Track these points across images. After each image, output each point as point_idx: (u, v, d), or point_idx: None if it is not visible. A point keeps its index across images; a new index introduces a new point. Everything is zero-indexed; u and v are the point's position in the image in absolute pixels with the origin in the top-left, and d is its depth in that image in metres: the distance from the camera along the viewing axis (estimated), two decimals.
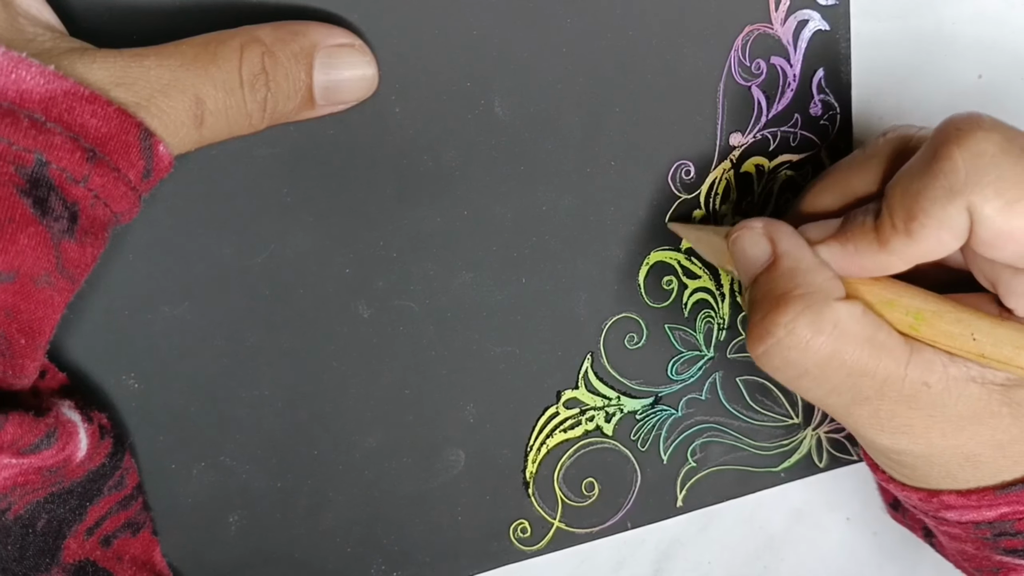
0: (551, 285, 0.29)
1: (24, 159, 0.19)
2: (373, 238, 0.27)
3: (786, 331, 0.23)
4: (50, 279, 0.20)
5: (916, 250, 0.23)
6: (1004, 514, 0.26)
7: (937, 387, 0.24)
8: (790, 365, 0.24)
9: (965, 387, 0.24)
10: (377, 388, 0.28)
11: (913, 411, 0.24)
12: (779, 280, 0.24)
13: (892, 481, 0.28)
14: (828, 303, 0.23)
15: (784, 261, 0.24)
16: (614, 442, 0.31)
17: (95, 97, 0.20)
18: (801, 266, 0.24)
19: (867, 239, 0.24)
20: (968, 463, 0.25)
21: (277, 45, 0.22)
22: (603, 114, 0.28)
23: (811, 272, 0.24)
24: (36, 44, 0.20)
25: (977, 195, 0.22)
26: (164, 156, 0.21)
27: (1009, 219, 0.22)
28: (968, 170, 0.22)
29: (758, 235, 0.25)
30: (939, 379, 0.24)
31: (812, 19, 0.30)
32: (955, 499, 0.26)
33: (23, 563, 0.22)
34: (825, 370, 0.23)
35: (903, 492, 0.28)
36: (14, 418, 0.20)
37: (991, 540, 0.27)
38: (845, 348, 0.23)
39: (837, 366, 0.23)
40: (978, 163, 0.22)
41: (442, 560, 0.30)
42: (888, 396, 0.24)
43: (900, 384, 0.24)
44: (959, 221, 0.22)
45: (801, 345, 0.23)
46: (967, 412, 0.24)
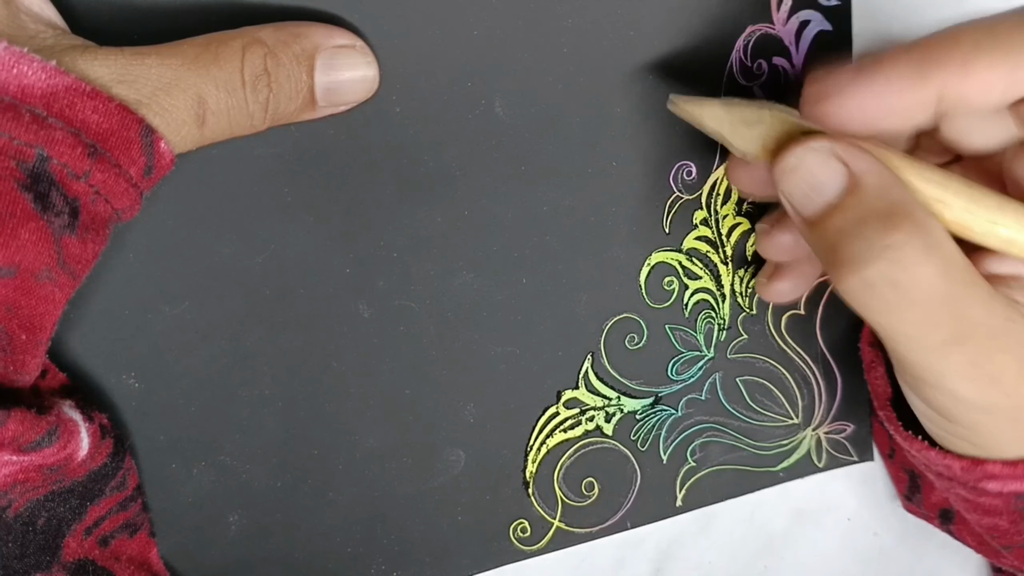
0: (552, 285, 0.29)
1: (25, 154, 0.19)
2: (374, 238, 0.27)
3: (897, 253, 0.21)
4: (51, 274, 0.20)
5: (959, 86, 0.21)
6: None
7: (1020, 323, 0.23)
8: (897, 292, 0.22)
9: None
10: (377, 388, 0.28)
11: (1005, 355, 0.23)
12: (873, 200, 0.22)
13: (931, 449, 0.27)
14: (930, 221, 0.22)
15: (870, 178, 0.22)
16: (614, 442, 0.31)
17: (96, 93, 0.20)
18: (889, 181, 0.22)
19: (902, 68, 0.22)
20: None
21: (279, 46, 0.22)
22: (604, 114, 0.28)
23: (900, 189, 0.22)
24: (38, 41, 0.20)
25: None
26: (165, 153, 0.21)
27: None
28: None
29: (827, 155, 0.23)
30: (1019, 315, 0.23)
31: (814, 20, 0.30)
32: (1000, 469, 0.25)
33: (24, 560, 0.22)
34: (930, 298, 0.22)
35: (944, 461, 0.27)
36: (16, 415, 0.20)
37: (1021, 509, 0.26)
38: (950, 272, 0.22)
39: (942, 292, 0.22)
40: None
41: (442, 560, 0.30)
42: (980, 333, 0.22)
43: (991, 317, 0.22)
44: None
45: (912, 266, 0.21)
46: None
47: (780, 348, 0.32)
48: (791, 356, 0.33)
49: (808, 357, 0.33)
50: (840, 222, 0.22)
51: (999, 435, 0.25)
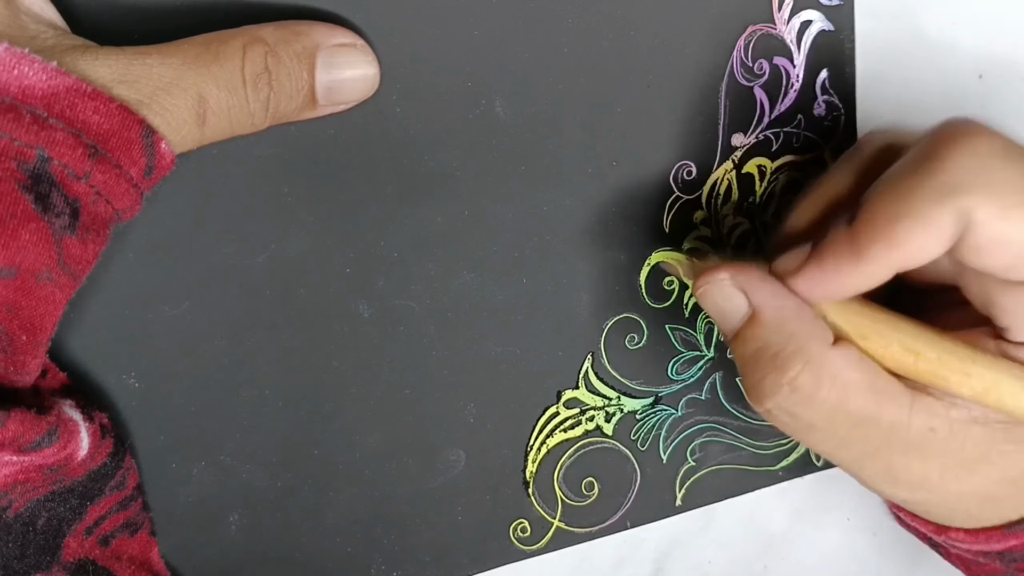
0: (552, 285, 0.29)
1: (26, 155, 0.19)
2: (374, 238, 0.27)
3: (790, 389, 0.23)
4: (51, 275, 0.20)
5: (895, 256, 0.22)
6: (1013, 546, 0.26)
7: (942, 431, 0.23)
8: (797, 420, 0.23)
9: (969, 429, 0.23)
10: (377, 388, 0.28)
11: (926, 460, 0.23)
12: (767, 335, 0.23)
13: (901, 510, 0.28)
14: (825, 354, 0.23)
15: (766, 313, 0.23)
16: (614, 442, 0.31)
17: (97, 94, 0.20)
18: (786, 315, 0.23)
19: (842, 251, 0.22)
20: (988, 503, 0.25)
21: (280, 45, 0.22)
22: (604, 114, 0.28)
23: (797, 320, 0.23)
24: (39, 41, 0.20)
25: (973, 197, 0.20)
26: (166, 153, 0.21)
27: (1004, 226, 0.20)
28: (966, 170, 0.21)
29: (728, 288, 0.24)
30: (943, 423, 0.23)
31: (816, 20, 0.30)
32: (963, 536, 0.26)
33: (24, 561, 0.22)
34: (832, 422, 0.23)
35: (912, 522, 0.28)
36: (16, 415, 0.20)
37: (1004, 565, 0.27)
38: (849, 398, 0.23)
39: (843, 418, 0.23)
40: (977, 164, 0.21)
41: (442, 559, 0.30)
42: (896, 446, 0.23)
43: (907, 431, 0.23)
44: (947, 224, 0.21)
45: (805, 400, 0.23)
46: (975, 454, 0.23)
47: None
48: None
49: None
50: (741, 351, 0.24)
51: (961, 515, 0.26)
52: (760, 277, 0.24)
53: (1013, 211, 0.20)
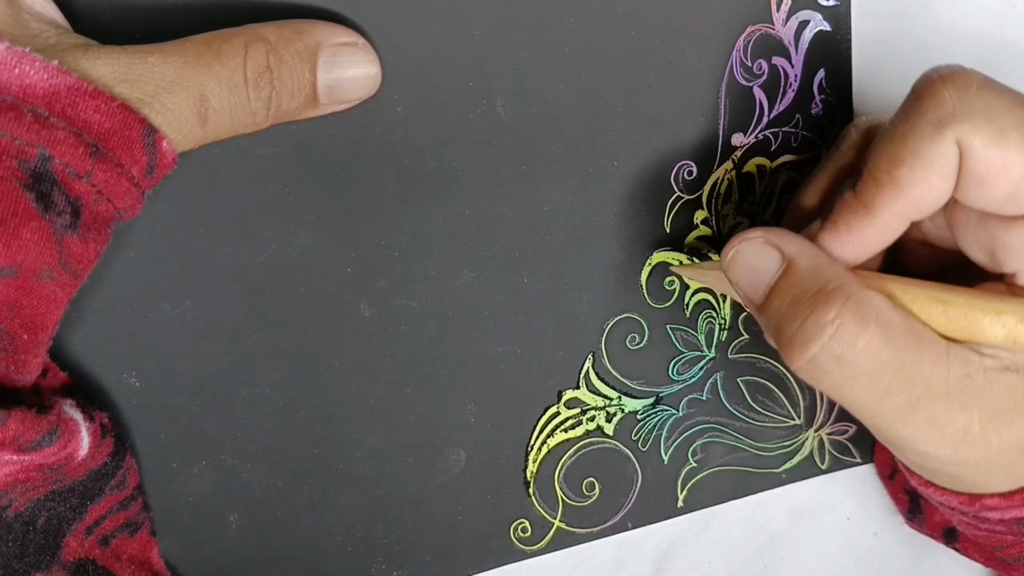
0: (553, 285, 0.29)
1: (27, 154, 0.19)
2: (375, 237, 0.27)
3: (833, 328, 0.22)
4: (53, 274, 0.20)
5: (905, 200, 0.22)
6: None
7: (978, 378, 0.23)
8: (842, 365, 0.22)
9: (1002, 376, 0.23)
10: (378, 387, 0.28)
11: (967, 410, 0.23)
12: (805, 280, 0.23)
13: (930, 486, 0.27)
14: (865, 291, 0.22)
15: (802, 260, 0.23)
16: (615, 442, 0.31)
17: (98, 93, 0.20)
18: (822, 261, 0.23)
19: (853, 208, 0.23)
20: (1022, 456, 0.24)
21: (281, 43, 0.22)
22: (605, 114, 0.28)
23: (834, 265, 0.23)
24: (40, 40, 0.20)
25: (967, 124, 0.21)
26: (167, 152, 0.21)
27: (1002, 148, 0.21)
28: (956, 101, 0.21)
29: (760, 244, 0.24)
30: (977, 369, 0.23)
31: (813, 19, 0.30)
32: (998, 501, 0.26)
33: (24, 560, 0.22)
34: (877, 365, 0.22)
35: (942, 496, 0.27)
36: (16, 414, 0.20)
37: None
38: (893, 338, 0.22)
39: (887, 360, 0.22)
40: (966, 94, 0.21)
41: (443, 559, 0.30)
42: (938, 393, 0.23)
43: (946, 378, 0.22)
44: (949, 157, 0.21)
45: (851, 340, 0.22)
46: (1010, 402, 0.23)
47: None
48: None
49: None
50: (778, 303, 0.23)
51: (984, 478, 0.25)
52: (789, 233, 0.24)
53: (1008, 133, 0.21)
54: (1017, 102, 0.21)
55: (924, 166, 0.21)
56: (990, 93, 0.21)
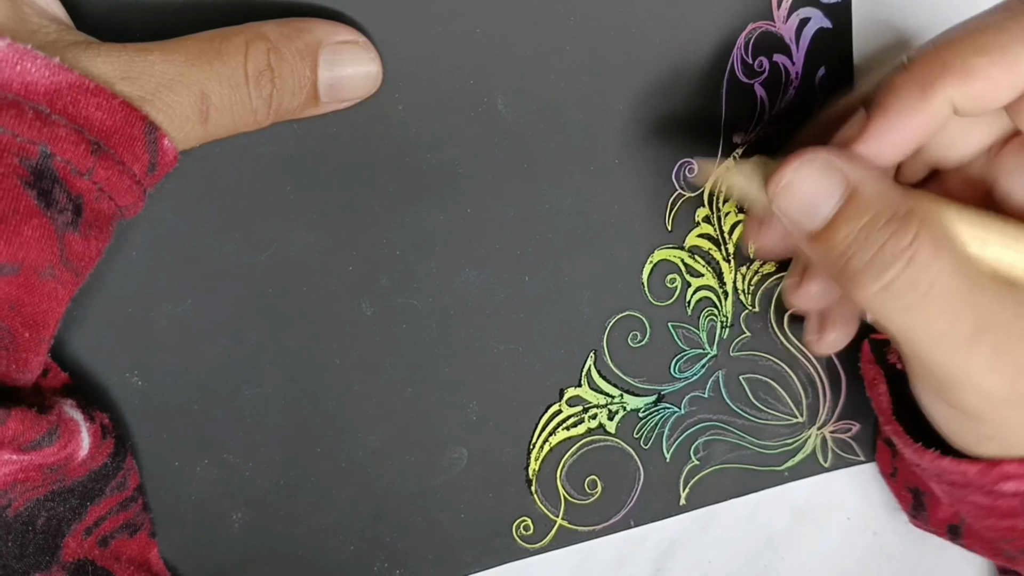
0: (554, 283, 0.29)
1: (28, 151, 0.19)
2: (376, 236, 0.27)
3: (912, 252, 0.21)
4: (54, 272, 0.20)
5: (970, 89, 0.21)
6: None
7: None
8: (917, 290, 0.22)
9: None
10: (380, 386, 0.28)
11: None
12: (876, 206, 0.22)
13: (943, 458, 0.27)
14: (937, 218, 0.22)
15: (868, 185, 0.22)
16: (617, 440, 0.31)
17: (100, 90, 0.20)
18: (887, 184, 0.22)
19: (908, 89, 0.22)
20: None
21: (282, 42, 0.22)
22: (606, 112, 0.28)
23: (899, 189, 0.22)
24: (40, 35, 0.20)
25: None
26: (169, 150, 0.21)
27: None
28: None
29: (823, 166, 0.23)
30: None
31: (814, 17, 0.30)
32: (1017, 468, 0.25)
33: (23, 560, 0.22)
34: (949, 292, 0.22)
35: (959, 468, 0.27)
36: (16, 414, 0.20)
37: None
38: (963, 267, 0.22)
39: (958, 286, 0.22)
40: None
41: (445, 557, 0.30)
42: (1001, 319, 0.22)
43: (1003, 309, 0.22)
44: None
45: (928, 262, 0.21)
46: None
47: (783, 346, 0.32)
48: (795, 354, 0.33)
49: (812, 354, 0.33)
50: (847, 231, 0.22)
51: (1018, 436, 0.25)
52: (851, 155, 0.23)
53: None
54: None
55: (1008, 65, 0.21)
56: None
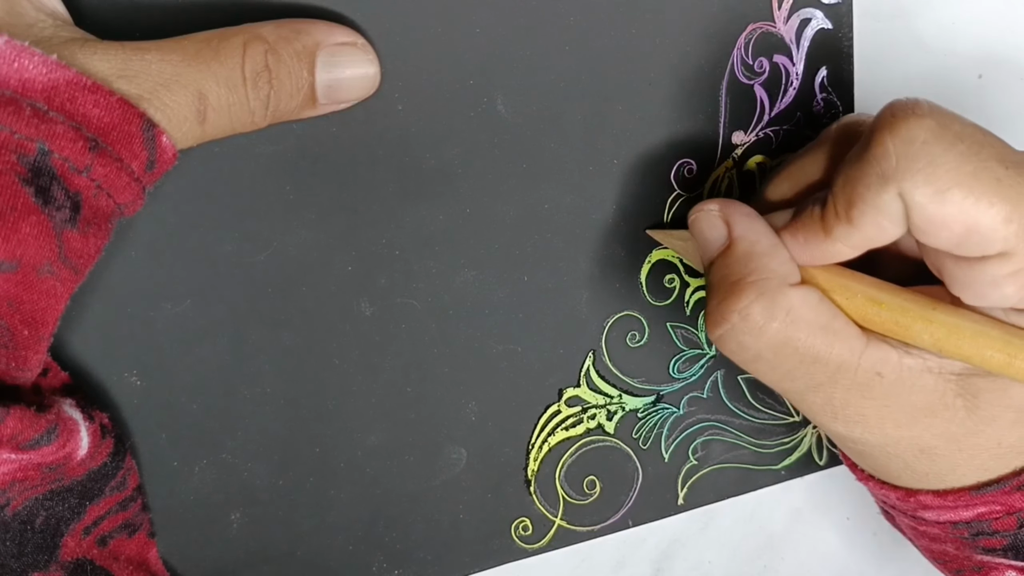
0: (553, 283, 0.29)
1: (26, 148, 0.19)
2: (375, 236, 0.27)
3: (740, 317, 0.23)
4: (52, 269, 0.20)
5: (858, 236, 0.23)
6: (981, 514, 0.26)
7: (891, 377, 0.24)
8: (744, 349, 0.24)
9: (920, 377, 0.24)
10: (379, 386, 0.28)
11: (866, 400, 0.24)
12: (734, 264, 0.24)
13: (869, 479, 0.28)
14: (782, 289, 0.23)
15: (740, 245, 0.25)
16: (616, 440, 0.31)
17: (97, 87, 0.20)
18: (756, 250, 0.24)
19: (814, 228, 0.24)
20: (923, 455, 0.25)
21: (280, 43, 0.22)
22: (606, 112, 0.28)
23: (766, 256, 0.24)
24: (36, 31, 0.20)
25: (908, 182, 0.21)
26: (167, 148, 0.21)
27: (940, 207, 0.21)
28: (899, 157, 0.22)
29: (714, 217, 0.25)
30: (893, 369, 0.24)
31: (815, 18, 0.30)
32: (932, 499, 0.26)
33: (21, 559, 0.22)
34: (778, 355, 0.24)
35: (881, 491, 0.28)
36: (15, 412, 0.20)
37: (969, 540, 0.27)
38: (798, 335, 0.23)
39: (790, 352, 0.24)
40: (909, 150, 0.22)
41: (444, 558, 0.30)
42: (841, 384, 0.24)
43: (853, 373, 0.24)
44: (894, 208, 0.22)
45: (755, 330, 0.23)
46: (921, 403, 0.24)
47: None
48: None
49: None
50: (711, 277, 0.25)
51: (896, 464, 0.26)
52: (746, 213, 0.25)
53: (949, 193, 0.21)
54: (965, 156, 0.21)
55: (873, 213, 0.22)
56: (937, 147, 0.21)
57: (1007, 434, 0.25)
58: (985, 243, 0.22)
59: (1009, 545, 0.27)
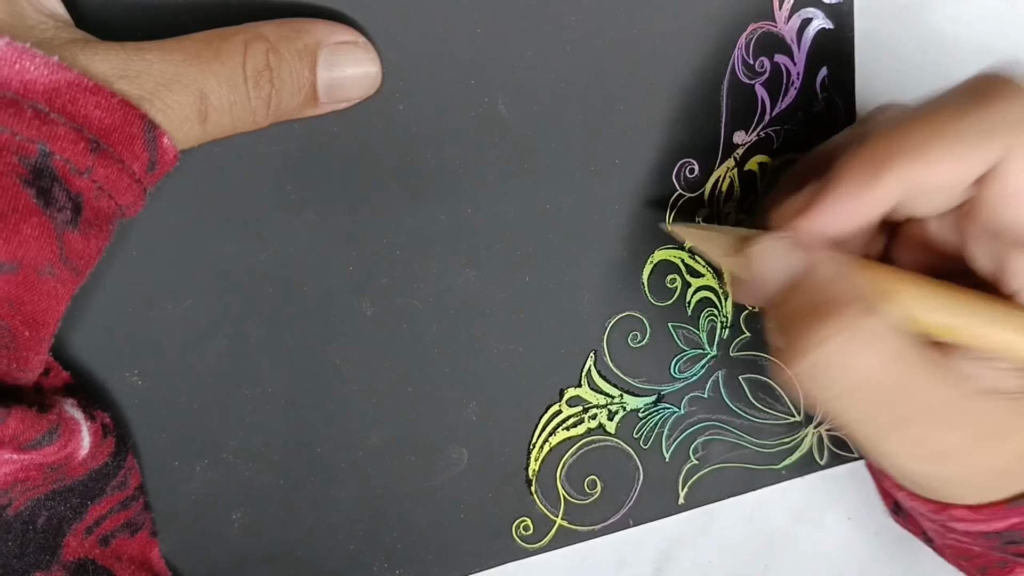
0: (554, 283, 0.29)
1: (27, 149, 0.19)
2: (376, 236, 0.27)
3: (828, 348, 0.22)
4: (53, 270, 0.20)
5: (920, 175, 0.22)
6: (1013, 524, 0.26)
7: (969, 401, 0.23)
8: (832, 382, 0.22)
9: (993, 400, 0.23)
10: (380, 386, 0.28)
11: (954, 431, 0.23)
12: (814, 293, 0.23)
13: (902, 490, 0.28)
14: (869, 316, 0.22)
15: (820, 270, 0.23)
16: (616, 440, 0.31)
17: (99, 88, 0.20)
18: (835, 276, 0.23)
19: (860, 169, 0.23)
20: (1002, 477, 0.25)
21: (281, 42, 0.22)
22: (607, 112, 0.28)
23: (841, 282, 0.23)
24: (37, 32, 0.20)
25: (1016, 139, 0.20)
26: (168, 149, 0.21)
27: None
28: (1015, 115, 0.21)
29: (787, 247, 0.24)
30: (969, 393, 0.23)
31: (816, 17, 0.30)
32: (965, 513, 0.26)
33: (23, 559, 0.22)
34: (866, 387, 0.22)
35: (912, 502, 0.28)
36: (16, 412, 0.20)
37: (999, 547, 0.27)
38: (891, 361, 0.22)
39: (882, 381, 0.22)
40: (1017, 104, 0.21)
41: (445, 558, 0.30)
42: (925, 415, 0.23)
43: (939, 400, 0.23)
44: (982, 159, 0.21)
45: (843, 362, 0.22)
46: (998, 426, 0.23)
47: None
48: None
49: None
50: (785, 310, 0.23)
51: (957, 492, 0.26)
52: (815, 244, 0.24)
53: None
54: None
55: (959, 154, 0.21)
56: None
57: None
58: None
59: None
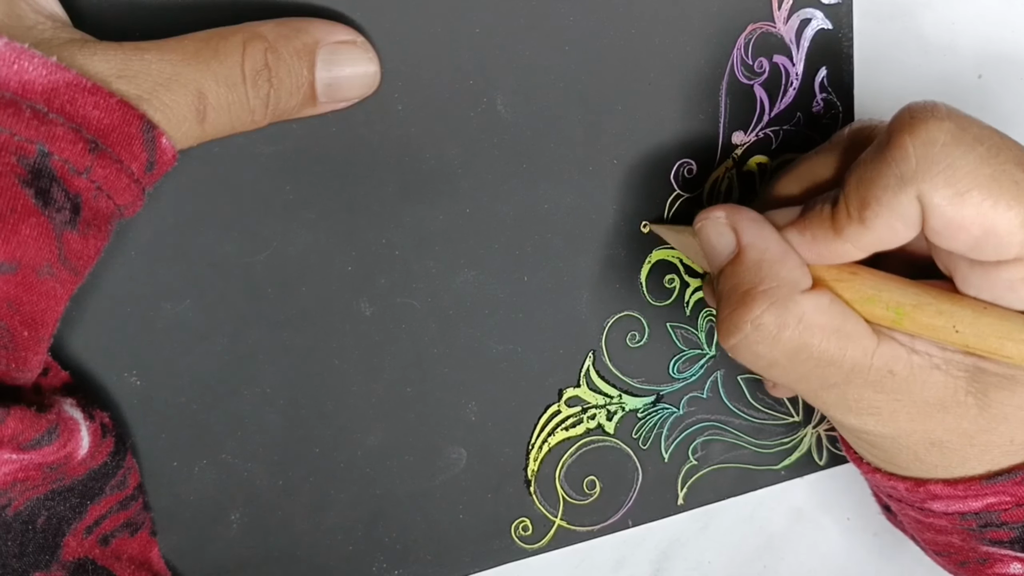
0: (553, 283, 0.29)
1: (26, 150, 0.19)
2: (375, 236, 0.27)
3: (753, 327, 0.23)
4: (52, 270, 0.20)
5: (869, 238, 0.23)
6: (990, 504, 0.26)
7: (902, 374, 0.24)
8: (759, 357, 0.24)
9: (929, 375, 0.24)
10: (379, 386, 0.28)
11: (879, 395, 0.24)
12: (744, 273, 0.24)
13: (876, 472, 0.28)
14: (793, 297, 0.23)
15: (749, 253, 0.24)
16: (615, 440, 0.31)
17: (97, 89, 0.20)
18: (766, 257, 0.24)
19: (824, 227, 0.24)
20: (934, 448, 0.25)
21: (280, 41, 0.22)
22: (605, 112, 0.28)
23: (776, 263, 0.24)
24: (35, 32, 0.20)
25: (927, 184, 0.22)
26: (167, 149, 0.21)
27: (959, 209, 0.22)
28: (919, 159, 0.22)
29: (722, 225, 0.25)
30: (904, 366, 0.24)
31: (815, 18, 0.30)
32: (942, 488, 0.26)
33: (23, 559, 0.22)
34: (793, 361, 0.24)
35: (889, 482, 0.28)
36: (15, 412, 0.20)
37: (977, 531, 0.27)
38: (811, 340, 0.23)
39: (804, 357, 0.24)
40: (929, 152, 0.22)
41: (444, 558, 0.30)
42: (854, 383, 0.24)
43: (866, 372, 0.24)
44: (910, 210, 0.22)
45: (768, 339, 0.23)
46: (933, 399, 0.24)
47: None
48: None
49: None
50: (721, 287, 0.25)
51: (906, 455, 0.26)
52: (753, 219, 0.25)
53: (968, 195, 0.21)
54: (984, 159, 0.22)
55: (888, 214, 0.22)
56: (956, 149, 0.22)
57: (1020, 432, 0.25)
58: (1002, 247, 0.22)
59: (1016, 537, 0.26)
